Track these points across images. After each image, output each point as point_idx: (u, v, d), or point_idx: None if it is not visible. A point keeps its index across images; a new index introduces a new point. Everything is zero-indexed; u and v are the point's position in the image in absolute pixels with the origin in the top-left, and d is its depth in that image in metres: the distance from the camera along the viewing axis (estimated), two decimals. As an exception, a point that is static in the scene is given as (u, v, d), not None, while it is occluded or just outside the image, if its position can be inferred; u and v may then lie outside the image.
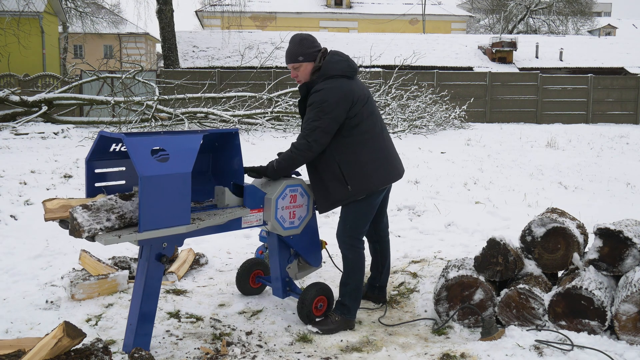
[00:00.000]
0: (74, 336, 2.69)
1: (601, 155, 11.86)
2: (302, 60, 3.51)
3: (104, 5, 34.89)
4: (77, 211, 2.81)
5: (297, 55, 3.50)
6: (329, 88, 3.39)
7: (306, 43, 3.53)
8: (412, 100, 17.13)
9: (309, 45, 3.53)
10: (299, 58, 3.50)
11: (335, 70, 3.46)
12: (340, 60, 3.51)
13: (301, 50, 3.51)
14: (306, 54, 3.50)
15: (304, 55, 3.50)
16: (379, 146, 3.56)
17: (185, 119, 13.60)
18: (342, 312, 3.58)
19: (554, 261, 3.75)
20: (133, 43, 36.51)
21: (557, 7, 40.70)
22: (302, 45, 3.52)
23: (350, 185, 3.46)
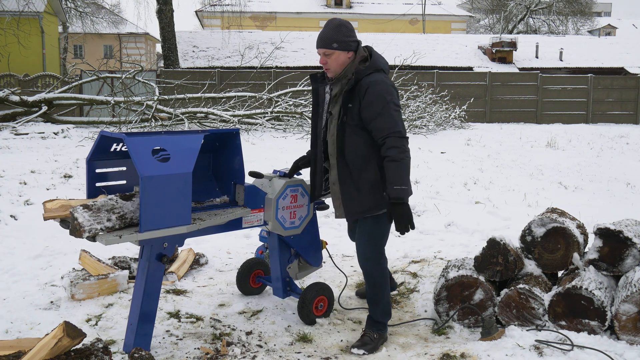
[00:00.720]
0: (74, 336, 2.69)
1: (601, 155, 11.86)
2: (336, 48, 3.18)
3: (104, 5, 34.90)
4: (78, 211, 2.81)
5: (331, 41, 3.17)
6: (386, 81, 3.17)
7: (344, 30, 3.20)
8: (412, 100, 17.13)
9: (346, 32, 3.20)
10: (333, 45, 3.18)
11: (382, 65, 3.24)
12: (382, 56, 3.32)
13: (336, 37, 3.18)
14: (342, 41, 3.18)
15: (339, 42, 3.18)
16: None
17: (185, 119, 13.60)
18: (379, 329, 3.40)
19: (554, 261, 3.75)
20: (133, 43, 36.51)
21: (557, 7, 40.71)
22: (339, 31, 3.19)
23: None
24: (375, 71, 3.19)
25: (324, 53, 3.21)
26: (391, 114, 3.11)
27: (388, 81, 3.19)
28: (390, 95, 3.14)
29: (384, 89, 3.13)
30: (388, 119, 3.10)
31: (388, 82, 3.19)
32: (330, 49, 3.18)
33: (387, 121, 3.10)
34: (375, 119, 3.11)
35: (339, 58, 3.21)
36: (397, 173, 3.06)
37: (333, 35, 3.18)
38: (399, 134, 3.10)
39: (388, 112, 3.10)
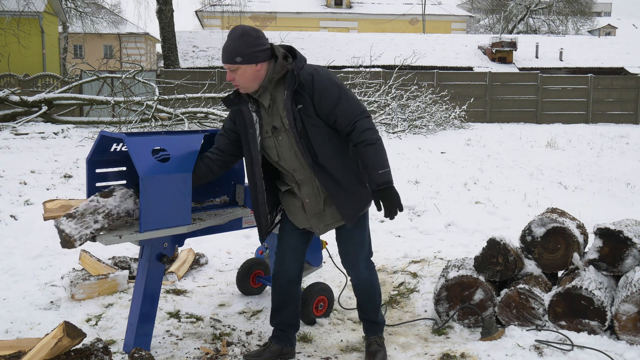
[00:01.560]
0: (74, 336, 2.69)
1: (601, 155, 11.86)
2: (240, 62, 2.73)
3: (104, 5, 34.90)
4: (62, 222, 2.74)
5: (234, 54, 2.72)
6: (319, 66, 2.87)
7: (248, 40, 2.72)
8: (412, 100, 17.13)
9: (251, 43, 2.72)
10: (236, 59, 2.72)
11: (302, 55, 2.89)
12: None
13: (240, 49, 2.71)
14: (246, 54, 2.71)
15: (243, 55, 2.72)
16: None
17: (185, 119, 13.60)
18: (382, 330, 3.29)
19: (554, 261, 3.75)
20: (133, 43, 36.50)
21: (557, 7, 40.72)
22: (242, 42, 2.71)
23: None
24: (304, 63, 2.82)
25: (229, 69, 2.77)
26: (349, 94, 2.81)
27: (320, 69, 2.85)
28: (335, 77, 2.84)
29: (327, 72, 2.82)
30: (350, 101, 2.80)
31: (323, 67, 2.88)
32: (234, 64, 2.73)
33: (350, 103, 2.79)
34: (337, 105, 2.77)
35: (245, 73, 2.75)
36: (379, 156, 2.76)
37: (236, 47, 2.71)
38: (365, 113, 2.80)
39: (345, 96, 2.79)
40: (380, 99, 16.13)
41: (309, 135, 2.80)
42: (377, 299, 3.24)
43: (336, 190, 2.89)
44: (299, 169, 2.92)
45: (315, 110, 2.79)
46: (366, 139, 2.76)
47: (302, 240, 3.17)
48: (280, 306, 3.22)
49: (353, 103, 2.80)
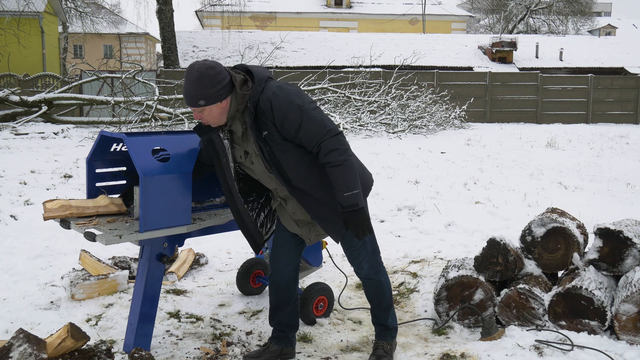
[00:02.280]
0: (78, 338, 2.70)
1: (601, 155, 11.86)
2: (204, 105, 2.68)
3: (104, 5, 34.89)
4: None
5: (197, 98, 2.67)
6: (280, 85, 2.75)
7: (206, 81, 2.65)
8: (412, 100, 17.13)
9: (210, 83, 2.65)
10: (200, 102, 2.67)
11: (263, 73, 2.80)
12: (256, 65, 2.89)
13: (200, 92, 2.66)
14: (208, 95, 2.66)
15: (206, 98, 2.66)
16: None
17: (186, 119, 13.60)
18: (392, 336, 3.20)
19: (554, 261, 3.75)
20: (133, 43, 36.49)
21: (557, 7, 40.72)
22: (201, 85, 2.65)
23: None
24: (265, 83, 2.75)
25: (194, 111, 2.74)
26: (312, 115, 2.68)
27: (284, 85, 2.76)
28: (297, 97, 2.71)
29: (288, 95, 2.70)
30: (313, 122, 2.68)
31: (284, 86, 2.75)
32: (199, 107, 2.69)
33: (313, 125, 2.68)
34: (299, 129, 2.68)
35: (212, 112, 2.72)
36: (343, 178, 2.66)
37: (197, 91, 2.66)
38: (331, 132, 2.68)
39: (307, 116, 2.67)
40: (380, 99, 16.13)
41: (278, 160, 2.76)
42: (386, 301, 3.15)
43: (316, 208, 2.83)
44: (279, 188, 2.92)
45: (281, 135, 2.73)
46: (331, 160, 2.67)
47: (297, 241, 3.15)
48: (278, 306, 3.21)
49: (316, 124, 2.68)
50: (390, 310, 3.19)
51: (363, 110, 15.77)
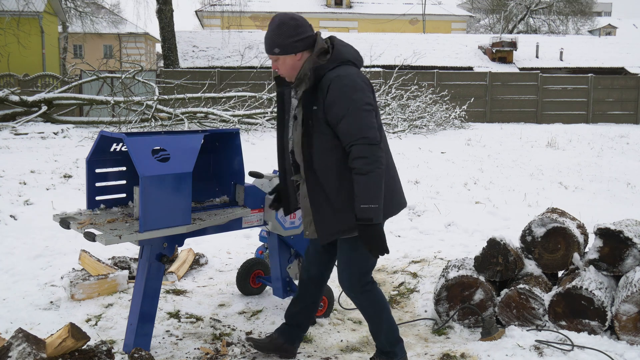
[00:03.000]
0: (78, 338, 2.70)
1: (601, 155, 11.86)
2: (278, 53, 2.72)
3: (104, 5, 34.89)
4: None
5: (272, 45, 2.72)
6: (354, 74, 2.68)
7: (285, 30, 2.69)
8: (412, 100, 17.13)
9: (289, 33, 2.69)
10: (274, 50, 2.72)
11: (349, 55, 2.75)
12: (350, 45, 2.83)
13: (277, 40, 2.71)
14: (284, 45, 2.70)
15: (281, 47, 2.71)
16: (392, 162, 2.87)
17: (185, 119, 13.60)
18: (390, 357, 2.96)
19: (554, 261, 3.75)
20: (133, 43, 36.47)
21: (557, 7, 40.71)
22: (280, 33, 2.70)
23: None
24: (341, 64, 2.70)
25: (271, 58, 2.80)
26: (358, 114, 2.60)
27: (356, 75, 2.68)
28: (357, 91, 2.62)
29: (349, 84, 2.63)
30: (353, 121, 2.60)
31: (355, 75, 2.67)
32: (274, 54, 2.74)
33: (352, 124, 2.60)
34: (340, 122, 2.62)
35: (285, 62, 2.75)
36: (365, 189, 2.57)
37: (274, 38, 2.71)
38: (367, 140, 2.58)
39: (354, 113, 2.60)
40: (380, 99, 16.13)
41: (312, 137, 2.71)
42: (377, 325, 2.94)
43: (319, 202, 2.75)
44: (301, 166, 2.83)
45: (325, 117, 2.68)
46: (357, 167, 2.60)
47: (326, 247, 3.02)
48: (296, 300, 3.17)
49: (356, 124, 2.60)
50: (382, 335, 2.95)
51: (363, 110, 15.76)
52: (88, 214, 3.26)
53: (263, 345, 3.14)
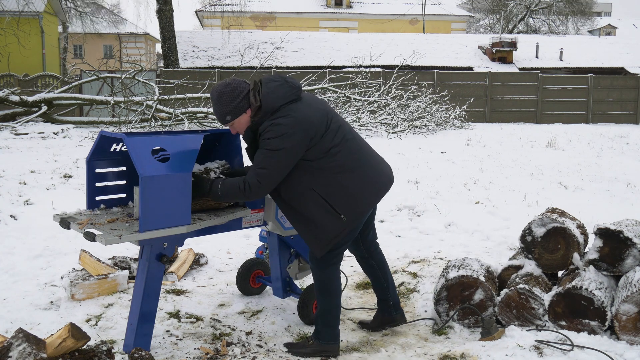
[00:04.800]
0: (78, 338, 2.70)
1: (601, 155, 11.85)
2: (230, 120, 3.05)
3: (104, 5, 34.89)
4: None
5: (224, 115, 3.05)
6: (277, 122, 2.93)
7: (226, 99, 3.02)
8: (412, 100, 17.12)
9: (229, 99, 3.01)
10: (226, 118, 3.05)
11: (279, 101, 2.99)
12: (279, 86, 3.04)
13: (224, 109, 3.03)
14: (230, 111, 3.02)
15: (230, 113, 3.03)
16: (359, 162, 3.12)
17: (185, 119, 13.60)
18: (316, 337, 3.24)
19: (554, 261, 3.75)
20: (133, 43, 36.47)
21: (557, 7, 40.71)
22: (221, 102, 3.03)
23: (343, 215, 3.03)
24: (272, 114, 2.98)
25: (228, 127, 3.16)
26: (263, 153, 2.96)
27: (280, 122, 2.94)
28: (272, 137, 2.92)
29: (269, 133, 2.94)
30: (257, 156, 3.00)
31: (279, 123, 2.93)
32: (227, 123, 3.08)
33: (256, 158, 3.01)
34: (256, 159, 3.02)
35: (240, 124, 3.08)
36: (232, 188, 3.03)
37: (220, 110, 3.05)
38: (255, 174, 2.96)
39: (262, 151, 2.97)
40: (380, 99, 16.12)
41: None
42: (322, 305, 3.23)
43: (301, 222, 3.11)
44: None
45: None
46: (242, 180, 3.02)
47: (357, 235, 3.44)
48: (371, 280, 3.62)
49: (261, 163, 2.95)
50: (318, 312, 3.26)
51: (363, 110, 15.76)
52: (88, 214, 3.26)
53: (372, 326, 3.61)
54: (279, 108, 2.98)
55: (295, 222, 3.13)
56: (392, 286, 3.60)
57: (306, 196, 3.03)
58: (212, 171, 3.23)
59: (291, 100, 3.02)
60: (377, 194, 3.17)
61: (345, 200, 3.04)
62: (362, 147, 3.21)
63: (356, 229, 3.20)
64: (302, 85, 3.20)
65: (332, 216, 3.03)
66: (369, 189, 3.11)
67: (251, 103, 3.03)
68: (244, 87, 3.04)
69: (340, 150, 3.06)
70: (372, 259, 3.55)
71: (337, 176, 3.03)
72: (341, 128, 3.13)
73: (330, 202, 3.02)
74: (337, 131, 3.09)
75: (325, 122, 3.06)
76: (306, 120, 2.97)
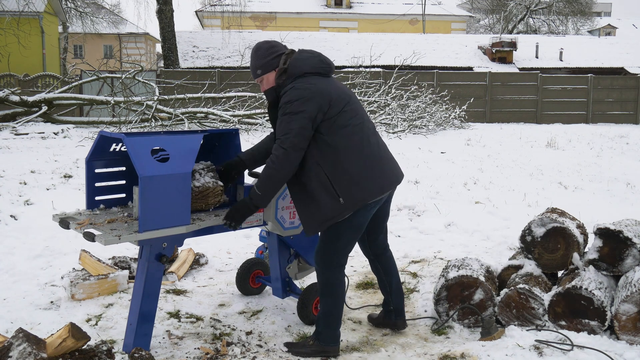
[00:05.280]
0: (78, 338, 2.70)
1: (601, 155, 11.85)
2: (261, 74, 3.18)
3: (104, 5, 34.87)
4: None
5: (255, 68, 3.19)
6: (298, 87, 3.03)
7: (261, 53, 3.19)
8: (412, 100, 17.12)
9: (264, 54, 3.18)
10: (257, 72, 3.19)
11: (305, 68, 3.10)
12: (310, 57, 3.16)
13: (257, 62, 3.19)
14: (262, 65, 3.17)
15: (261, 67, 3.17)
16: (370, 151, 3.15)
17: (185, 119, 13.60)
18: (317, 338, 3.26)
19: (554, 261, 3.75)
20: (133, 43, 36.46)
21: (557, 7, 40.70)
22: (257, 56, 3.19)
23: (342, 198, 3.04)
24: (295, 78, 3.09)
25: (258, 82, 3.24)
26: (281, 120, 3.02)
27: (302, 86, 3.03)
28: (291, 100, 3.00)
29: (288, 95, 3.03)
30: (277, 126, 3.05)
31: (301, 87, 3.03)
32: (257, 76, 3.19)
33: (280, 129, 3.03)
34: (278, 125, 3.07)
35: (269, 80, 3.18)
36: (264, 178, 3.03)
37: (253, 62, 3.20)
38: (279, 142, 3.00)
39: (279, 120, 3.04)
40: (380, 99, 16.12)
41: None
42: (324, 307, 3.24)
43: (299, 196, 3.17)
44: None
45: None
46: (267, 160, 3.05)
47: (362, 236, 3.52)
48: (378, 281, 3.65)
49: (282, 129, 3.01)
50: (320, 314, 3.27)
51: (363, 110, 15.76)
52: (88, 214, 3.26)
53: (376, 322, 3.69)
54: (302, 75, 3.09)
55: (296, 198, 3.19)
56: (396, 292, 3.58)
57: (312, 171, 3.07)
58: (198, 172, 3.23)
59: (317, 72, 3.12)
60: (381, 187, 3.16)
61: (346, 184, 3.05)
62: (378, 142, 3.25)
63: (358, 227, 3.19)
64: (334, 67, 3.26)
65: (331, 197, 3.06)
66: (373, 180, 3.12)
67: (279, 65, 3.15)
68: (281, 48, 3.19)
69: (355, 133, 3.10)
70: (379, 263, 3.57)
71: (345, 157, 3.05)
72: (360, 115, 3.19)
73: (332, 181, 3.05)
74: (355, 116, 3.15)
75: (345, 100, 3.12)
76: (325, 91, 3.06)
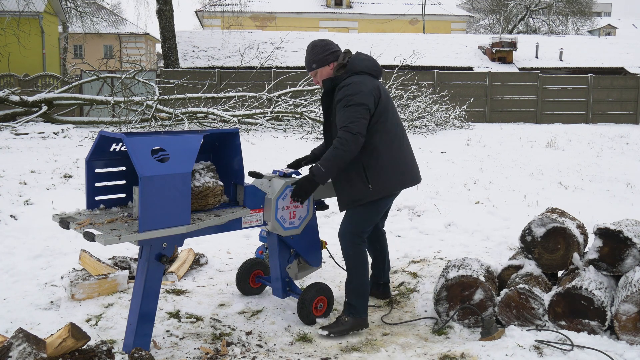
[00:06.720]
0: (78, 338, 2.70)
1: (601, 155, 11.86)
2: (315, 68, 3.61)
3: (104, 5, 34.89)
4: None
5: (311, 63, 3.62)
6: (357, 82, 3.44)
7: (317, 49, 3.61)
8: (412, 100, 17.12)
9: (320, 51, 3.60)
10: (312, 66, 3.61)
11: (362, 67, 3.53)
12: (367, 59, 3.61)
13: (313, 58, 3.61)
14: (318, 60, 3.60)
15: (317, 62, 3.60)
16: (401, 149, 3.60)
17: (185, 119, 13.61)
18: (350, 312, 3.55)
19: (554, 261, 3.75)
20: (133, 43, 36.48)
21: (557, 7, 40.71)
22: (313, 52, 3.61)
23: (371, 185, 3.50)
24: (353, 74, 3.49)
25: (311, 75, 3.66)
26: (346, 110, 3.37)
27: (361, 82, 3.43)
28: (353, 94, 3.38)
29: (350, 89, 3.41)
30: (342, 115, 3.39)
31: (360, 82, 3.42)
32: (312, 70, 3.62)
33: (341, 118, 3.39)
34: (343, 114, 3.40)
35: (322, 74, 3.61)
36: (331, 157, 3.35)
37: (309, 58, 3.62)
38: (346, 129, 3.34)
39: (344, 109, 3.38)
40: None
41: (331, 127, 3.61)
42: (355, 279, 3.58)
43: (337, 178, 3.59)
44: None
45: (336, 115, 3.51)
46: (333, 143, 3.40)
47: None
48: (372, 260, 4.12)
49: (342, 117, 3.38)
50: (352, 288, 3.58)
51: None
52: (87, 214, 3.26)
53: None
54: (359, 72, 3.50)
55: (335, 178, 3.60)
56: (387, 268, 4.14)
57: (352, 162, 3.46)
58: (198, 172, 3.24)
59: (370, 73, 3.54)
60: (404, 182, 3.62)
61: (377, 173, 3.49)
62: (408, 144, 3.73)
63: (378, 211, 3.63)
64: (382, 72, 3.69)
65: (363, 183, 3.50)
66: (400, 174, 3.57)
67: (338, 61, 3.56)
68: (335, 47, 3.62)
69: (391, 133, 3.54)
70: (378, 244, 4.07)
71: (380, 152, 3.48)
72: (396, 117, 3.64)
73: (366, 171, 3.49)
74: (393, 117, 3.60)
75: (389, 102, 3.59)
76: (376, 90, 3.49)
